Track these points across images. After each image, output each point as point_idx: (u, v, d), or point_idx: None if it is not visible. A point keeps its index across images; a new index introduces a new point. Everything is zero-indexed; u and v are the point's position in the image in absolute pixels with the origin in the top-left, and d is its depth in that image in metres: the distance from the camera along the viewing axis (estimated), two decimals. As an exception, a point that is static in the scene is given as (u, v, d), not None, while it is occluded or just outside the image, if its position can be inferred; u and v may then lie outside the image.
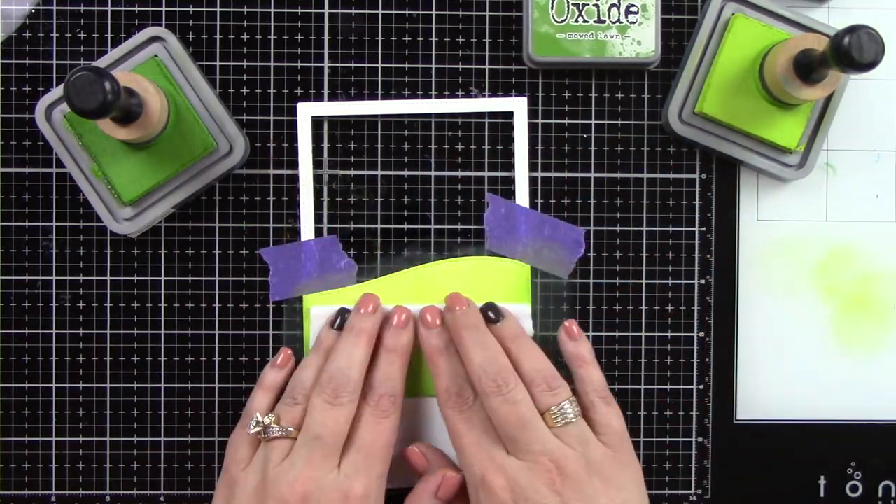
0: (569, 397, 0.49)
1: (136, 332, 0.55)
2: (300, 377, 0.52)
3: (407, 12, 0.55)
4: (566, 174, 0.56)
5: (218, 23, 0.55)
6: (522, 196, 0.55)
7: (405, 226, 0.55)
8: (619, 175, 0.56)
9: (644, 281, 0.56)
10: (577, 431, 0.49)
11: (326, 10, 0.55)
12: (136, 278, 0.55)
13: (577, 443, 0.48)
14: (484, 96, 0.55)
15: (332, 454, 0.49)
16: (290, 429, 0.50)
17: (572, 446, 0.48)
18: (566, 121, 0.56)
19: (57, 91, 0.53)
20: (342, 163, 0.55)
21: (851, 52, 0.45)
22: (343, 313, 0.53)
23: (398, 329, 0.52)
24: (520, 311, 0.55)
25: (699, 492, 0.56)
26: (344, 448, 0.50)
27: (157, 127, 0.50)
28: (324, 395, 0.49)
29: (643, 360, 0.56)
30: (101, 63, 0.53)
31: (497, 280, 0.55)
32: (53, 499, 0.55)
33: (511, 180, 0.55)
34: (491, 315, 0.52)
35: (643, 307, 0.56)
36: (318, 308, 0.54)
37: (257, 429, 0.50)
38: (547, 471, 0.47)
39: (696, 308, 0.56)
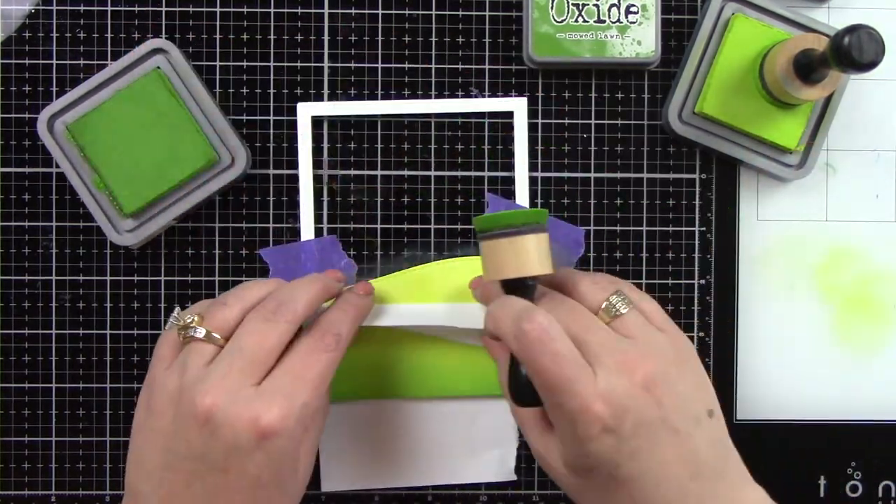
0: (616, 290, 0.46)
1: (135, 332, 0.55)
2: (241, 286, 0.48)
3: (407, 12, 0.55)
4: (566, 174, 0.56)
5: (218, 23, 0.55)
6: (522, 196, 0.55)
7: (405, 226, 0.55)
8: (619, 175, 0.56)
9: (644, 281, 0.56)
10: (633, 319, 0.45)
11: (326, 10, 0.55)
12: (136, 278, 0.55)
13: (639, 331, 0.45)
14: (484, 96, 0.55)
15: (252, 370, 0.44)
16: (215, 334, 0.45)
17: (635, 336, 0.45)
18: (566, 121, 0.56)
19: (59, 102, 0.53)
20: (342, 163, 0.55)
21: (851, 52, 0.45)
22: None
23: (362, 294, 0.51)
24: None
25: (699, 492, 0.56)
26: (271, 370, 0.45)
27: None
28: (262, 311, 0.45)
29: (643, 360, 0.56)
30: (104, 74, 0.53)
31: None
32: (53, 499, 0.55)
33: (511, 180, 0.55)
34: None
35: (643, 307, 0.56)
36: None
37: (175, 325, 0.46)
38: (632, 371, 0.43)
39: (696, 308, 0.56)
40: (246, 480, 0.43)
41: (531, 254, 0.45)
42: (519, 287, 0.46)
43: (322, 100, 0.55)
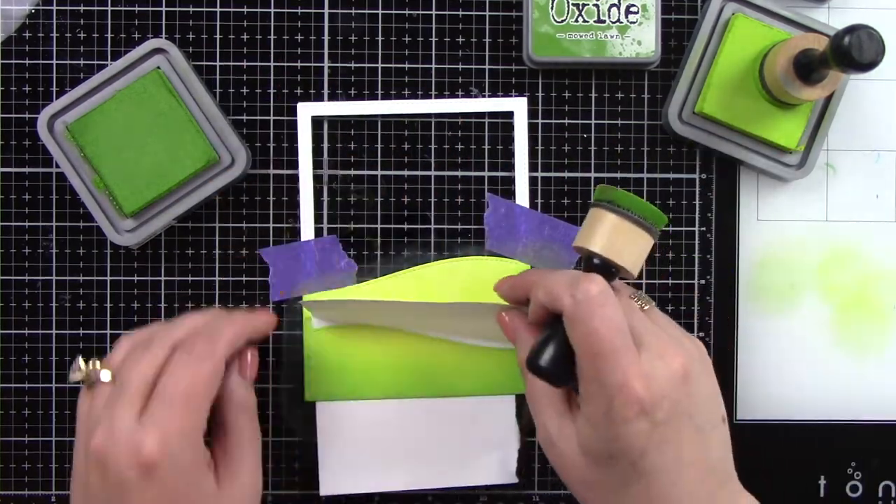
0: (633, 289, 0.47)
1: (136, 332, 0.55)
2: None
3: (407, 12, 0.55)
4: (566, 174, 0.56)
5: (218, 23, 0.55)
6: (522, 196, 0.55)
7: (405, 226, 0.55)
8: (619, 175, 0.56)
9: (644, 281, 0.56)
10: (660, 314, 0.46)
11: (326, 10, 0.55)
12: (136, 278, 0.55)
13: (669, 327, 0.45)
14: (484, 96, 0.55)
15: (133, 402, 0.42)
16: (104, 373, 0.44)
17: (665, 329, 0.44)
18: (566, 121, 0.56)
19: (59, 102, 0.53)
20: (342, 163, 0.55)
21: (851, 52, 0.45)
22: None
23: (263, 318, 0.50)
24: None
25: (699, 492, 0.56)
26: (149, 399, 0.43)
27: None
28: (138, 341, 0.45)
29: (643, 360, 0.56)
30: (104, 74, 0.53)
31: (497, 280, 0.55)
32: (53, 499, 0.55)
33: (511, 180, 0.55)
34: None
35: (643, 307, 0.56)
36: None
37: (77, 375, 0.45)
38: (673, 359, 0.43)
39: (696, 308, 0.56)
40: None
41: (641, 252, 0.44)
42: (604, 270, 0.44)
43: (322, 100, 0.55)
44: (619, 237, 0.44)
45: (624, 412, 0.41)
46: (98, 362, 0.45)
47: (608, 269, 0.44)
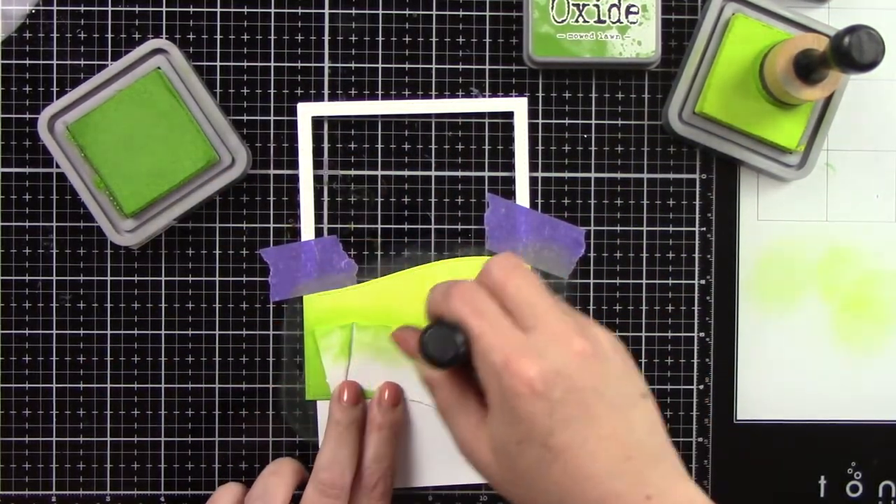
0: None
1: (136, 332, 0.55)
2: (272, 490, 0.52)
3: (407, 12, 0.55)
4: (566, 174, 0.56)
5: (218, 23, 0.55)
6: (522, 196, 0.55)
7: (405, 226, 0.55)
8: (619, 175, 0.56)
9: (644, 281, 0.56)
10: (567, 306, 0.45)
11: (326, 10, 0.55)
12: (136, 278, 0.55)
13: (575, 314, 0.44)
14: (484, 96, 0.56)
15: None
16: None
17: (573, 315, 0.44)
18: (566, 121, 0.56)
19: (59, 102, 0.53)
20: (342, 163, 0.55)
21: (851, 52, 0.45)
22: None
23: (388, 407, 0.54)
24: None
25: (699, 492, 0.56)
26: None
27: None
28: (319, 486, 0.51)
29: (643, 361, 0.56)
30: (104, 74, 0.53)
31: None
32: (53, 499, 0.55)
33: (511, 180, 0.56)
34: None
35: (643, 307, 0.56)
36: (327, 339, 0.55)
37: None
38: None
39: (696, 308, 0.56)
40: None
41: None
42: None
43: (322, 100, 0.55)
44: None
45: (515, 389, 0.40)
46: None
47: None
